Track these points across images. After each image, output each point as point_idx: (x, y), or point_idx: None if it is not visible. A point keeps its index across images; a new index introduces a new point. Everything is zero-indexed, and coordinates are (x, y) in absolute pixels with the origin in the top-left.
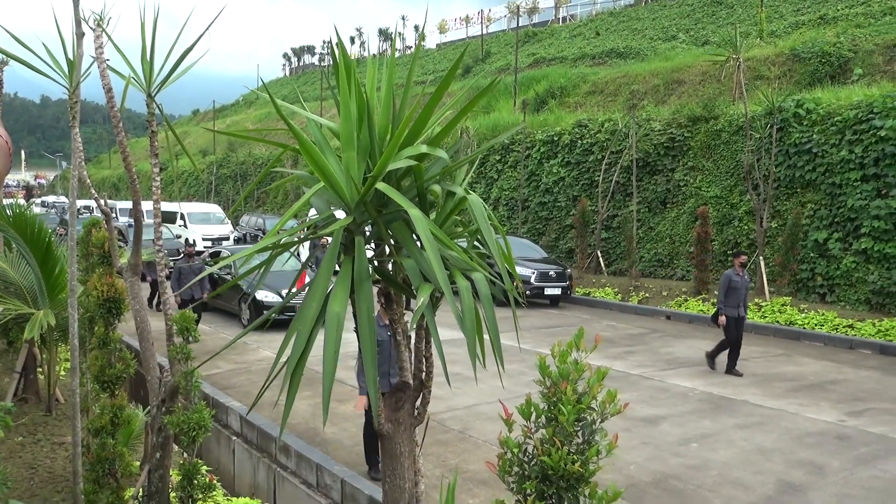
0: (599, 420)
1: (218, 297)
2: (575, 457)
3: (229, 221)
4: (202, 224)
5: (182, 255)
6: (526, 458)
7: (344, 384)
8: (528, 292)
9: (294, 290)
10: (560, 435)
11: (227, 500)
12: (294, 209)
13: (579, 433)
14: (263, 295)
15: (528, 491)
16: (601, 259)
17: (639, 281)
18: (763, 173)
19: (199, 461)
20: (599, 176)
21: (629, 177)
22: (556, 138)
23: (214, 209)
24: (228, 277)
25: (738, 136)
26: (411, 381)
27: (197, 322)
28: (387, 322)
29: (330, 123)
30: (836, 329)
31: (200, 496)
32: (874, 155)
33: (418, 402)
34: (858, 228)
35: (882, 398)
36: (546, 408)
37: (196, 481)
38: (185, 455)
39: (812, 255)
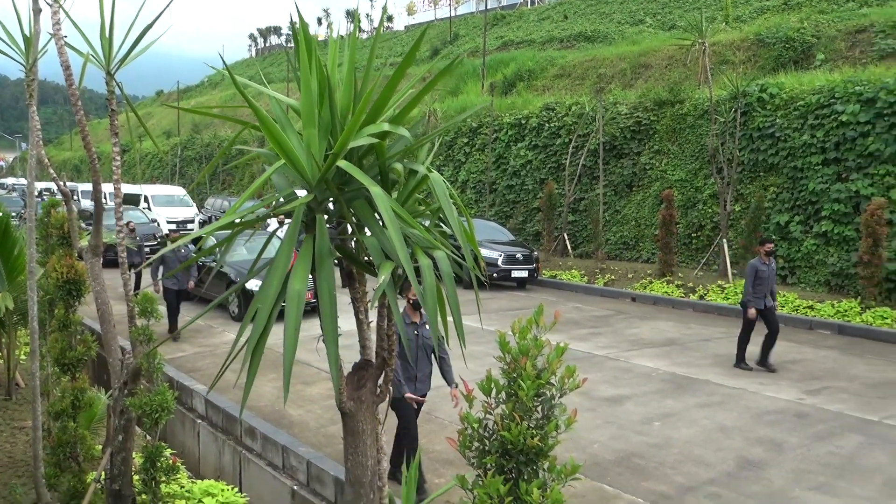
0: (559, 395)
1: (204, 286)
2: (534, 431)
3: (194, 204)
4: (166, 206)
5: (159, 241)
6: (486, 434)
7: (310, 366)
8: (495, 275)
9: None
10: (520, 410)
11: (192, 482)
12: (254, 186)
13: (539, 408)
14: (254, 284)
15: (489, 465)
16: (568, 242)
17: (605, 263)
18: (727, 157)
19: (163, 444)
20: (566, 159)
21: (596, 160)
22: (523, 121)
23: (179, 191)
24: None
25: (703, 121)
26: (374, 360)
27: (170, 314)
28: (415, 320)
29: (291, 101)
30: (797, 310)
31: (164, 478)
32: (835, 139)
33: (380, 380)
34: (819, 211)
35: (839, 377)
36: (506, 383)
37: (159, 463)
38: (148, 438)
39: (774, 237)
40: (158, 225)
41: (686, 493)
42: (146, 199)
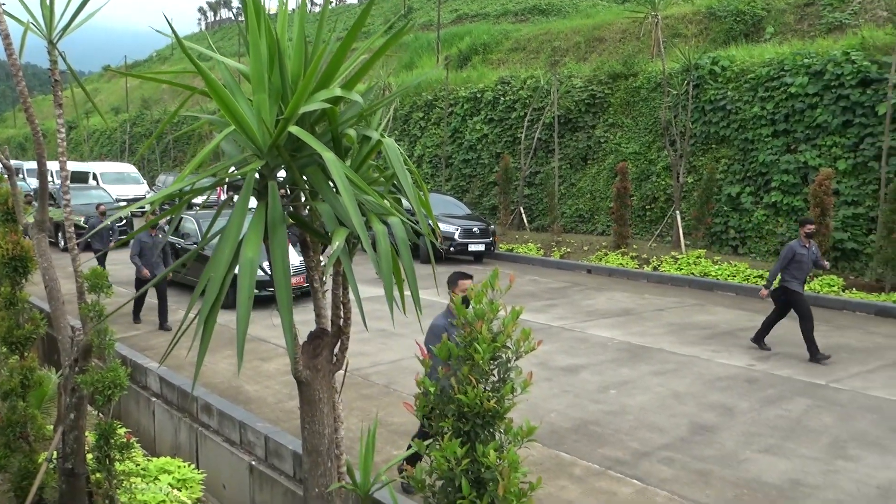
0: (514, 358)
1: (182, 271)
2: (490, 394)
3: (145, 182)
4: (116, 184)
5: (123, 221)
6: (443, 398)
7: (266, 342)
8: (451, 248)
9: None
10: (476, 373)
11: (148, 460)
12: (203, 154)
13: (495, 371)
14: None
15: (446, 429)
16: (524, 215)
17: (560, 236)
18: (680, 129)
19: (117, 422)
20: (522, 133)
21: (551, 134)
22: (479, 95)
23: (129, 169)
24: (192, 249)
25: (656, 93)
26: (329, 328)
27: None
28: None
29: (241, 66)
30: (748, 279)
31: (118, 456)
32: (784, 111)
33: (336, 349)
34: (769, 182)
35: (788, 343)
36: (462, 347)
37: (113, 441)
38: (101, 415)
39: (726, 208)
40: (157, 210)
41: (641, 459)
42: (95, 177)
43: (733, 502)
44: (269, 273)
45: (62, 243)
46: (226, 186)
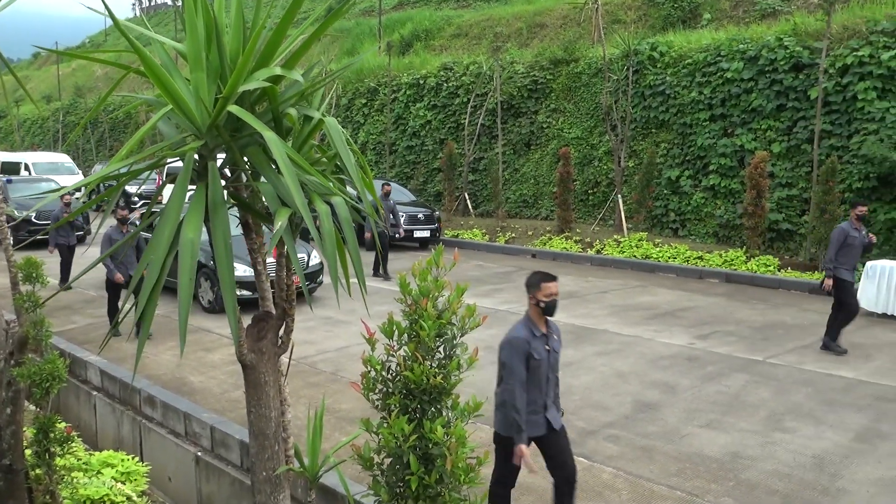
0: (460, 335)
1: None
2: (437, 370)
3: (80, 172)
4: (50, 175)
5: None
6: (389, 376)
7: (210, 333)
8: (397, 235)
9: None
10: (422, 350)
11: (90, 454)
12: (139, 134)
13: (440, 348)
14: (241, 270)
15: (393, 406)
16: (469, 201)
17: (505, 221)
18: (620, 114)
19: (56, 415)
20: (465, 119)
21: (494, 119)
22: (421, 81)
23: (63, 159)
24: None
25: (597, 79)
26: (273, 311)
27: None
28: (544, 332)
29: (178, 45)
30: (688, 261)
31: (58, 450)
32: (721, 96)
33: (281, 332)
34: (707, 166)
35: (727, 322)
36: (408, 325)
37: (52, 435)
38: (39, 409)
39: (666, 192)
40: (129, 203)
41: (587, 437)
42: (27, 167)
43: (676, 476)
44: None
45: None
46: (165, 173)
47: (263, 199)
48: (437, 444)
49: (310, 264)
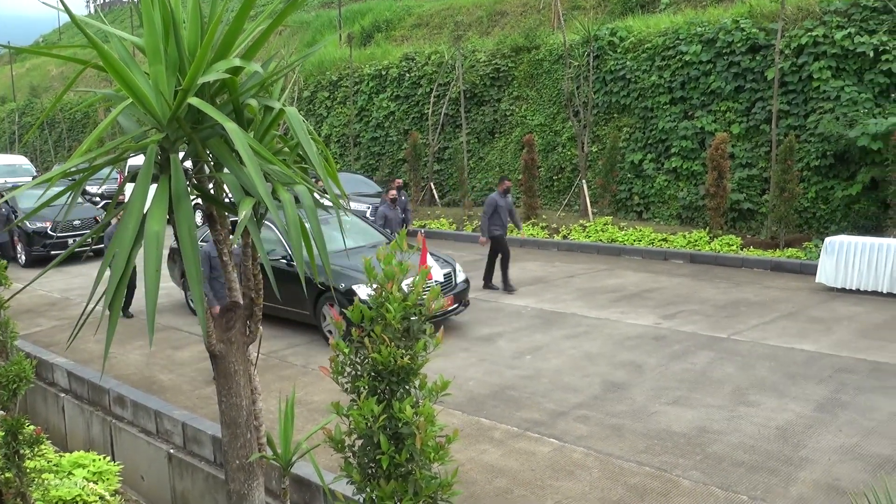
0: (425, 317)
1: (273, 300)
2: (403, 351)
3: (39, 173)
4: (7, 177)
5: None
6: (358, 359)
7: (179, 331)
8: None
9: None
10: (388, 332)
11: (60, 455)
12: (99, 130)
13: (407, 330)
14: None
15: (362, 388)
16: (435, 191)
17: (472, 210)
18: (583, 100)
19: (24, 417)
20: (429, 109)
21: (457, 108)
22: (384, 72)
23: (21, 161)
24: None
25: (558, 65)
26: (241, 300)
27: None
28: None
29: (135, 39)
30: (652, 243)
31: (28, 452)
32: (681, 79)
33: (249, 321)
34: (669, 149)
35: (691, 301)
36: (374, 308)
37: (21, 437)
38: (7, 412)
39: (629, 175)
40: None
41: (557, 418)
42: None
43: (645, 452)
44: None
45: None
46: (126, 170)
47: (227, 190)
48: (407, 424)
49: (456, 282)
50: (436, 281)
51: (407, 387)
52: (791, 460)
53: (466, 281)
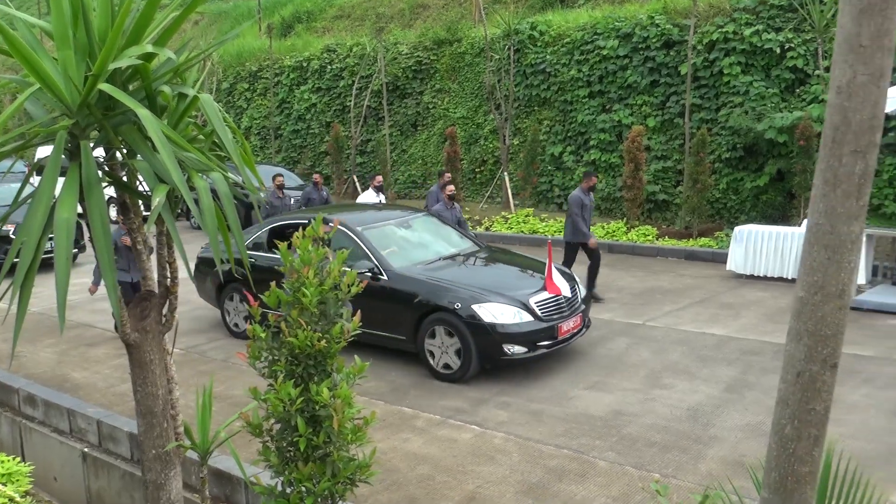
0: (341, 301)
1: (367, 323)
2: (320, 335)
3: None
4: None
5: None
6: (275, 344)
7: (93, 328)
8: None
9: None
10: (305, 317)
11: None
12: (6, 114)
13: (323, 314)
14: (495, 311)
15: (279, 372)
16: (357, 184)
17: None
18: (504, 93)
19: None
20: (351, 101)
21: (380, 101)
22: (305, 64)
23: None
24: None
25: (480, 59)
26: (156, 289)
27: None
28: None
29: (42, 23)
30: None
31: None
32: (599, 73)
33: (165, 309)
34: (588, 141)
35: (609, 289)
36: (291, 293)
37: None
38: None
39: (550, 168)
40: None
41: (479, 405)
42: None
43: (563, 436)
44: (530, 306)
45: None
46: (35, 159)
47: (140, 178)
48: (324, 406)
49: (580, 298)
50: (563, 297)
51: (324, 370)
52: (701, 439)
53: (587, 297)
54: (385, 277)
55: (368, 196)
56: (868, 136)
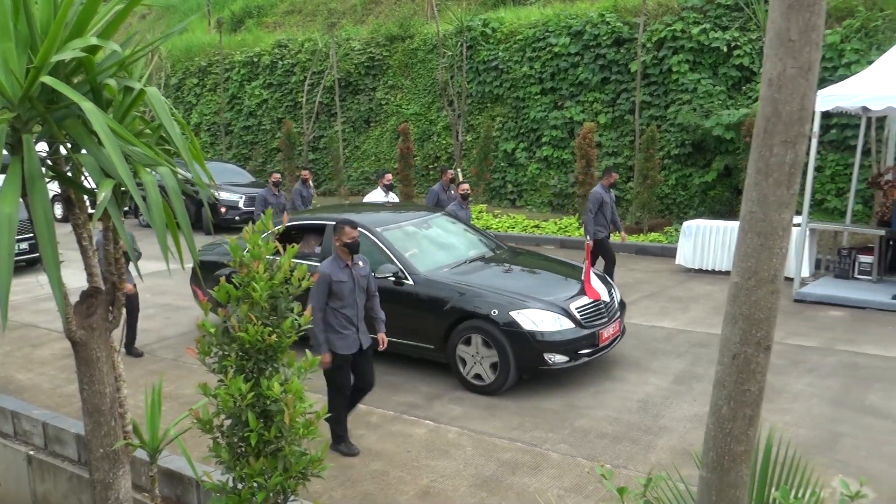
0: (292, 296)
1: (399, 333)
2: (270, 329)
3: None
4: None
5: None
6: (225, 340)
7: (37, 328)
8: (237, 218)
9: None
10: (255, 311)
11: None
12: None
13: (274, 309)
14: (535, 318)
15: (229, 367)
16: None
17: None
18: (457, 90)
19: None
20: (303, 97)
21: (332, 97)
22: (255, 59)
23: None
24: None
25: (432, 55)
26: (102, 286)
27: None
28: (348, 263)
29: None
30: (525, 229)
31: None
32: (551, 70)
33: (112, 306)
34: (540, 138)
35: None
36: (241, 288)
37: None
38: None
39: (503, 164)
40: None
41: (433, 401)
42: None
43: (517, 429)
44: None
45: None
46: None
47: (85, 173)
48: (276, 401)
49: (614, 299)
50: (602, 302)
51: (275, 364)
52: (651, 429)
53: (622, 301)
54: (411, 282)
55: (377, 195)
56: (797, 127)
